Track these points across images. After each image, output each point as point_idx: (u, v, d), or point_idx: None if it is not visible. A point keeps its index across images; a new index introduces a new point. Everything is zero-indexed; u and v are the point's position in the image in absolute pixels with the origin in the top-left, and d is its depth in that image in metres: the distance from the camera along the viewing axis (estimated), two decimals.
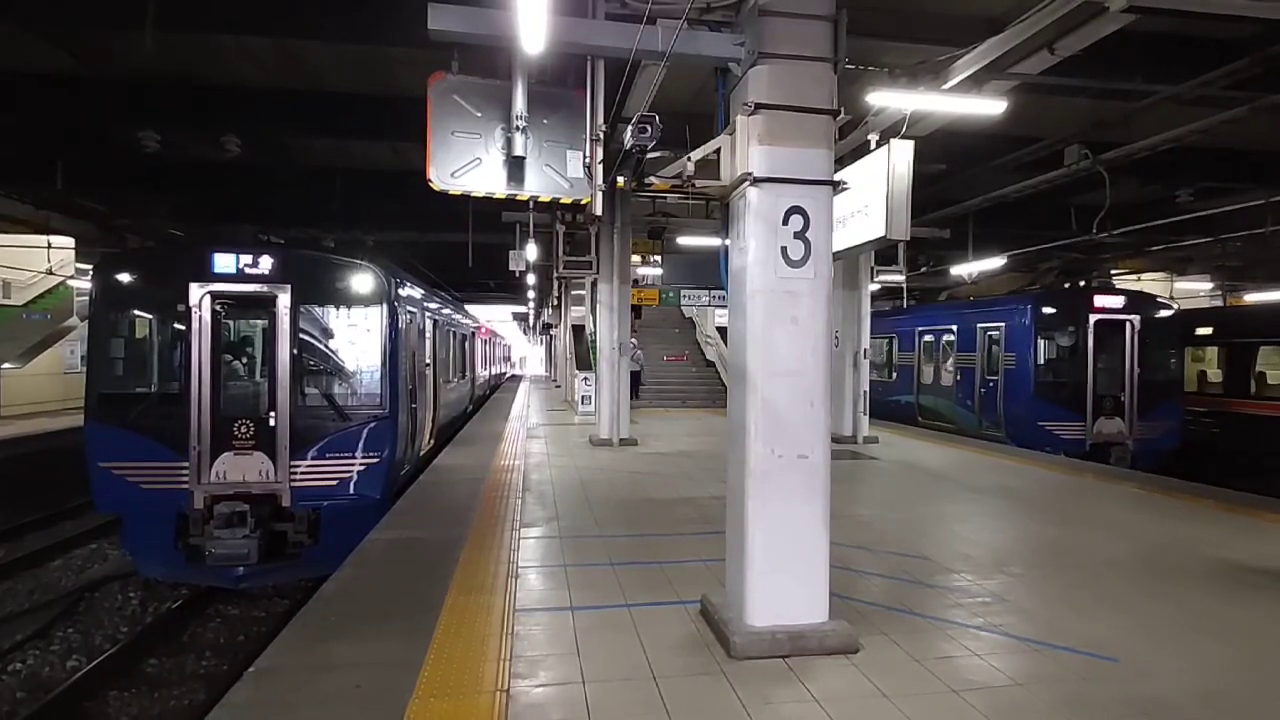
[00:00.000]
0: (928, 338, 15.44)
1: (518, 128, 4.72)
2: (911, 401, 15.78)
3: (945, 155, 10.77)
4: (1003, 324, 12.74)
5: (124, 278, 7.58)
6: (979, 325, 13.41)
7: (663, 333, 24.35)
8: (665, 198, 11.36)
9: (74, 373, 18.48)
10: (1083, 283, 14.00)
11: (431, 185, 4.85)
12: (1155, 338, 12.11)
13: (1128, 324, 11.85)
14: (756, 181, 3.84)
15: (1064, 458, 10.84)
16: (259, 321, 7.93)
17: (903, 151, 5.49)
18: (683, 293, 17.04)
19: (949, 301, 20.14)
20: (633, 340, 16.45)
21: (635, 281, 13.80)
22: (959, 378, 14.02)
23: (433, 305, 11.72)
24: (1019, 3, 5.69)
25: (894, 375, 16.92)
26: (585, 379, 16.40)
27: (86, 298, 8.55)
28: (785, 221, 3.85)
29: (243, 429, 7.25)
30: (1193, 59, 7.58)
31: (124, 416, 7.23)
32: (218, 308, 7.38)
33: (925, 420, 15.14)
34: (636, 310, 22.61)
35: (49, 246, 14.58)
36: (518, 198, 5.11)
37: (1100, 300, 12.08)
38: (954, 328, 14.27)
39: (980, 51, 6.03)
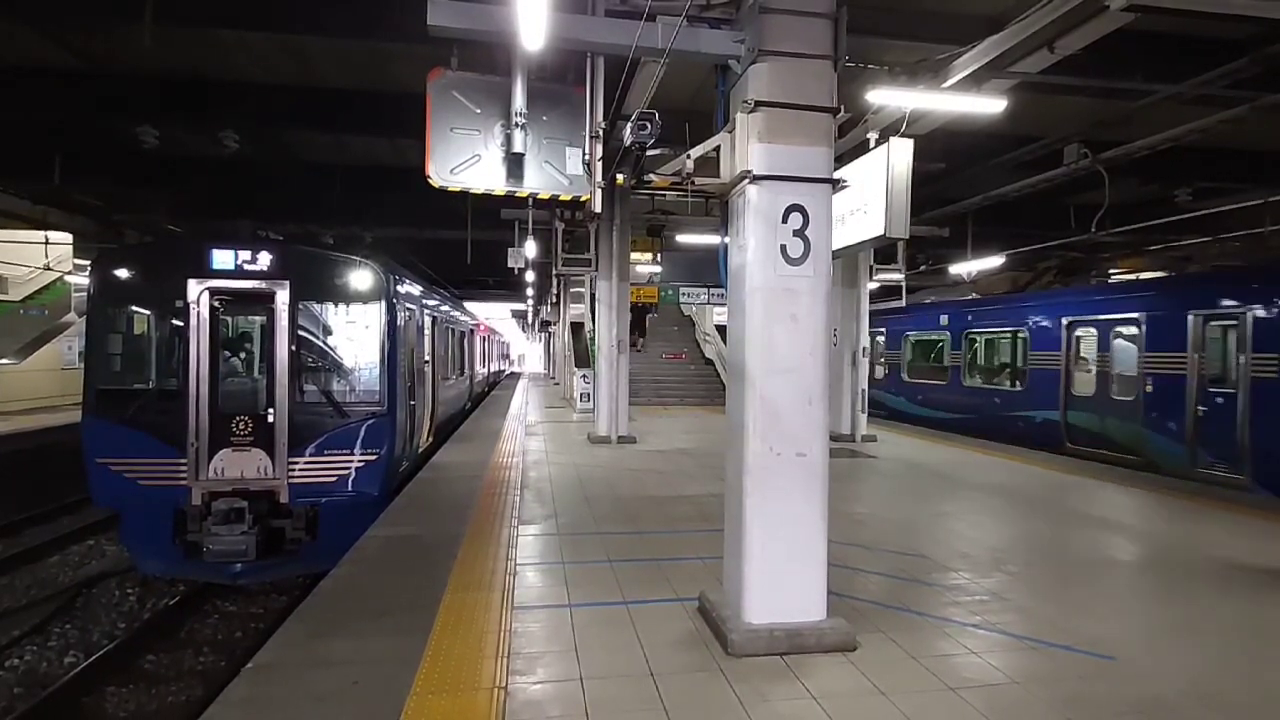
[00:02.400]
0: (1084, 330, 11.33)
1: (517, 124, 4.70)
2: (1055, 420, 11.62)
3: (945, 154, 10.75)
4: (1247, 309, 8.78)
5: (122, 273, 7.56)
6: (1193, 312, 9.41)
7: (661, 331, 24.35)
8: (664, 195, 11.32)
9: (72, 369, 18.43)
10: None
11: (430, 181, 4.83)
12: None
13: None
14: (756, 179, 3.84)
15: (1062, 456, 10.67)
16: (257, 318, 7.93)
17: (902, 150, 5.49)
18: (681, 290, 17.04)
19: (1134, 280, 15.42)
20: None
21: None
22: (1150, 388, 9.93)
23: (431, 302, 11.71)
24: (1019, 1, 5.68)
25: (1017, 383, 12.82)
26: (584, 376, 16.41)
27: (84, 293, 8.53)
28: (785, 219, 3.85)
29: (241, 425, 7.25)
30: (1192, 58, 7.56)
31: (122, 412, 7.22)
32: (216, 304, 7.36)
33: (1080, 446, 11.03)
34: (642, 314, 22.46)
35: (46, 242, 14.54)
36: (517, 194, 5.09)
37: None
38: (1139, 316, 10.20)
39: (980, 50, 6.01)
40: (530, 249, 13.03)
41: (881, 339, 17.47)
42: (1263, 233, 11.54)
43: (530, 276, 18.78)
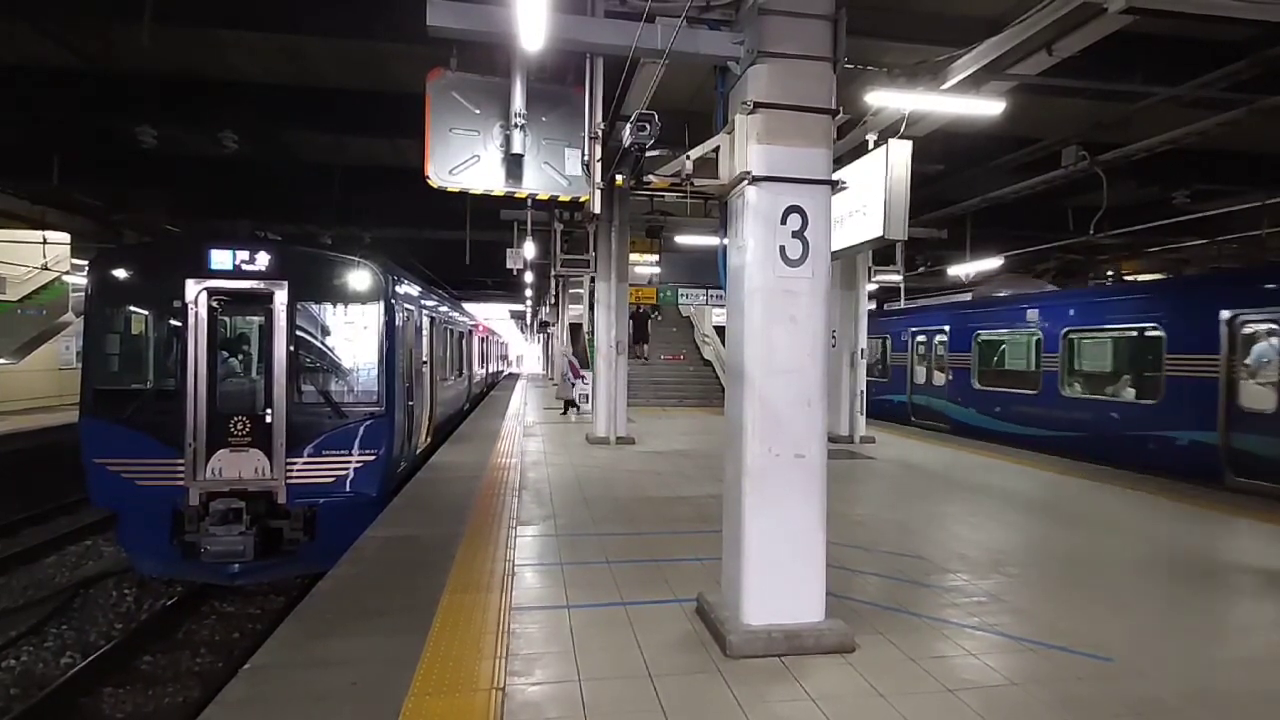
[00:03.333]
0: (1260, 324, 8.61)
1: (516, 125, 4.71)
2: (1208, 444, 8.92)
3: (943, 156, 10.78)
4: None
5: (120, 273, 7.56)
6: None
7: (660, 332, 24.37)
8: (663, 196, 11.35)
9: (69, 369, 18.41)
10: None
11: (429, 182, 4.84)
12: None
13: None
14: (755, 180, 3.84)
15: (1060, 457, 10.68)
16: (255, 318, 7.92)
17: (901, 151, 5.51)
18: (680, 291, 17.05)
19: None
20: (571, 358, 16.36)
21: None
22: None
23: (430, 303, 11.70)
24: (1018, 3, 5.70)
25: (1147, 394, 10.10)
26: (582, 377, 16.40)
27: (82, 293, 8.52)
28: (784, 220, 3.85)
29: (239, 426, 7.24)
30: (1191, 61, 7.59)
31: (119, 412, 7.21)
32: (214, 304, 7.35)
33: (1253, 479, 8.33)
34: (644, 319, 22.09)
35: (45, 242, 14.53)
36: (516, 195, 5.10)
37: None
38: None
39: (979, 52, 6.03)
40: (529, 250, 13.03)
41: (943, 339, 15.20)
42: (1261, 235, 11.58)
43: (529, 277, 18.79)
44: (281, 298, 7.37)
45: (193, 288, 7.23)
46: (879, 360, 17.63)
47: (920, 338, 16.21)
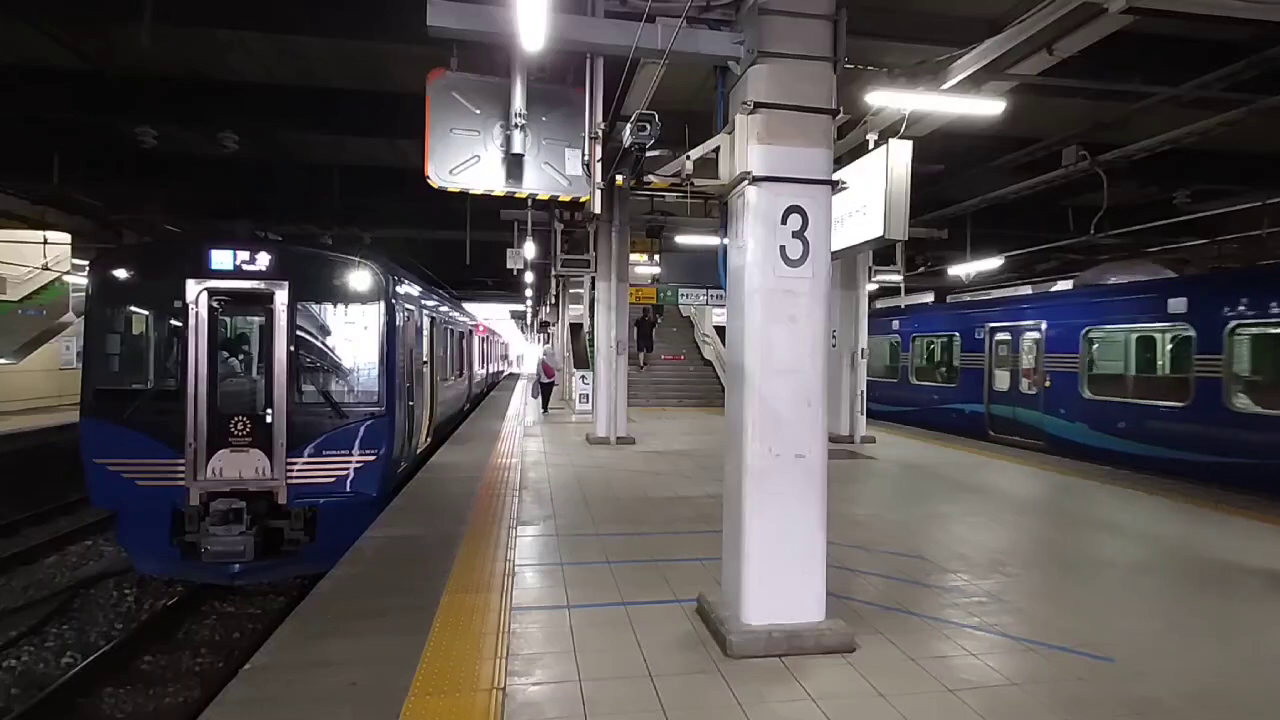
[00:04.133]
0: None
1: (517, 125, 4.70)
2: None
3: (944, 156, 10.78)
4: None
5: (120, 274, 7.56)
6: None
7: (660, 332, 24.36)
8: (664, 196, 11.37)
9: (70, 369, 18.41)
10: None
11: (430, 182, 4.83)
12: None
13: None
14: (755, 180, 3.84)
15: (1058, 457, 10.69)
16: (256, 318, 7.92)
17: (901, 151, 5.50)
18: (680, 291, 17.04)
19: None
20: (545, 359, 16.75)
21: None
22: None
23: (430, 303, 11.70)
24: (1018, 3, 5.70)
25: None
26: (583, 377, 16.42)
27: (82, 293, 8.52)
28: (784, 220, 3.86)
29: (239, 426, 7.24)
30: (1191, 61, 7.59)
31: (120, 413, 7.21)
32: (214, 304, 7.35)
33: None
34: (648, 326, 21.84)
35: (45, 242, 14.53)
36: (516, 195, 5.10)
37: None
38: None
39: (979, 52, 6.03)
40: (529, 250, 13.04)
41: (1035, 336, 12.41)
42: (1260, 235, 11.57)
43: (529, 277, 18.78)
44: (282, 298, 7.37)
45: (193, 288, 7.23)
46: (942, 362, 15.65)
47: (1002, 335, 13.37)
